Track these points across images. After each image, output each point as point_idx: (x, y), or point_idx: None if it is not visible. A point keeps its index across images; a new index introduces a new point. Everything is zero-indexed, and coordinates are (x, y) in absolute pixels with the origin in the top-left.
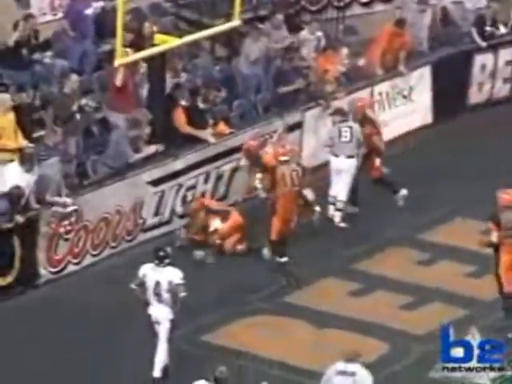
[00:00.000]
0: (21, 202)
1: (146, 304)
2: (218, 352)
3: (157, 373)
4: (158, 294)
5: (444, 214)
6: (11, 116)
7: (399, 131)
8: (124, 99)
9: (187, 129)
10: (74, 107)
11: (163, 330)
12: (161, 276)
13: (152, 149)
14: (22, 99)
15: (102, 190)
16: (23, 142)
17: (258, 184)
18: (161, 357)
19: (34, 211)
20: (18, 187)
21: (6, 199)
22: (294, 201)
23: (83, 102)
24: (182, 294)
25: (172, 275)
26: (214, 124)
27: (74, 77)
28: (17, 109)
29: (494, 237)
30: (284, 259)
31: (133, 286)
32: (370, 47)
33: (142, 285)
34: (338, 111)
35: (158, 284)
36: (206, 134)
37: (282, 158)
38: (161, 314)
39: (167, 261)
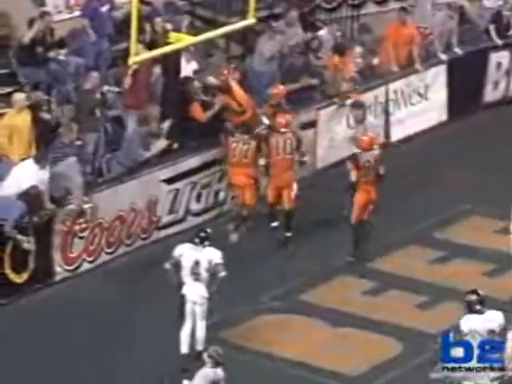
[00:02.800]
0: (38, 202)
1: (179, 284)
2: (233, 350)
3: (200, 346)
4: (196, 274)
5: (459, 212)
6: (26, 115)
7: (414, 129)
8: (136, 97)
9: (205, 116)
10: (95, 102)
11: (201, 310)
12: (200, 255)
13: (163, 143)
14: (38, 97)
15: (117, 188)
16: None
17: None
18: (201, 333)
19: (48, 210)
20: (34, 187)
21: (23, 200)
22: (286, 169)
23: (105, 88)
24: (222, 274)
25: (212, 255)
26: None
27: (95, 73)
28: (33, 107)
29: (353, 176)
30: (275, 224)
31: (167, 265)
32: (383, 45)
33: (177, 265)
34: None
35: (197, 263)
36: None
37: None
38: (197, 293)
39: (207, 242)
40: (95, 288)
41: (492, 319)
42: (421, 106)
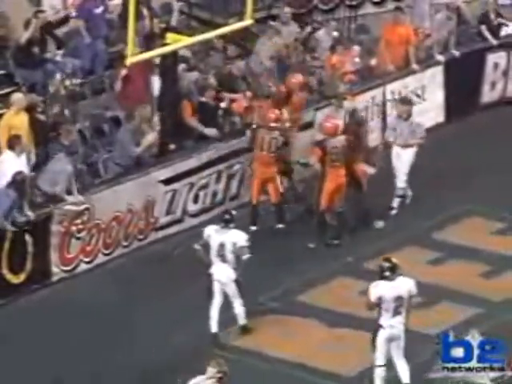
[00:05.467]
0: (26, 186)
1: (208, 264)
2: (230, 351)
3: (242, 320)
4: (221, 255)
5: (457, 213)
6: (24, 116)
7: None
8: (128, 100)
9: (192, 121)
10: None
11: (231, 290)
12: (225, 238)
13: (152, 136)
14: (33, 100)
15: (114, 189)
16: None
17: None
18: (239, 310)
19: (45, 209)
20: (19, 173)
21: (12, 188)
22: (268, 164)
23: (67, 82)
24: (246, 256)
25: (237, 237)
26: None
27: (58, 76)
28: (28, 109)
29: (314, 160)
30: (254, 228)
31: (196, 246)
32: (380, 46)
33: (206, 245)
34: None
35: (222, 245)
36: (211, 131)
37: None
38: (224, 274)
39: (232, 224)
40: (92, 289)
41: (401, 286)
42: (418, 106)
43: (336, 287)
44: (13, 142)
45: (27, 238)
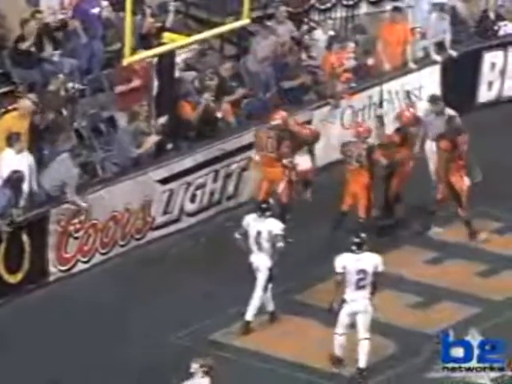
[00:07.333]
0: (22, 186)
1: (248, 252)
2: (228, 351)
3: (249, 317)
4: (258, 243)
5: (454, 212)
6: (25, 120)
7: None
8: (127, 101)
9: (194, 115)
10: (60, 102)
11: (261, 278)
12: (262, 226)
13: (154, 138)
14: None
15: (111, 189)
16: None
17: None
18: (256, 302)
19: (43, 208)
20: (16, 171)
21: (8, 186)
22: (269, 166)
23: (70, 85)
24: (280, 245)
25: (272, 226)
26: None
27: (61, 75)
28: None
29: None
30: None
31: (236, 234)
32: (377, 46)
33: (245, 234)
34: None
35: (258, 233)
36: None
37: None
38: (261, 261)
39: (268, 213)
40: (90, 288)
41: (365, 260)
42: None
43: (332, 287)
44: (12, 140)
45: (24, 237)
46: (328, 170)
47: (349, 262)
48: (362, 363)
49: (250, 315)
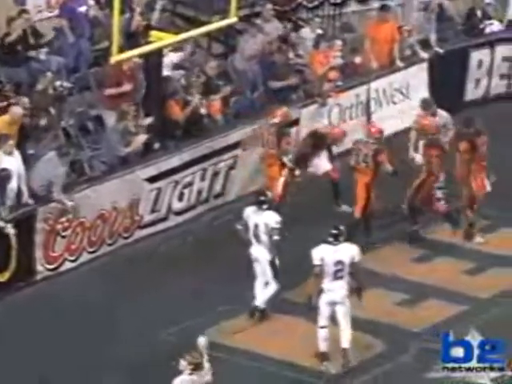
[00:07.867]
0: (9, 183)
1: (248, 243)
2: (218, 349)
3: (259, 302)
4: (256, 236)
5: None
6: (16, 125)
7: (396, 128)
8: (115, 101)
9: (182, 115)
10: (48, 100)
11: (259, 267)
12: (259, 219)
13: (142, 138)
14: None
15: (99, 187)
16: None
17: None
18: (270, 291)
19: (29, 207)
20: (3, 169)
21: None
22: (269, 164)
23: (57, 83)
24: (275, 238)
25: (269, 219)
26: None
27: (49, 74)
28: None
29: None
30: None
31: (238, 226)
32: (364, 44)
33: (246, 225)
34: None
35: (256, 226)
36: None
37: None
38: (260, 254)
39: (266, 206)
40: (77, 287)
41: (342, 251)
42: (402, 104)
43: None
44: (1, 141)
45: (11, 235)
46: None
47: (326, 254)
48: (346, 344)
49: (260, 302)
